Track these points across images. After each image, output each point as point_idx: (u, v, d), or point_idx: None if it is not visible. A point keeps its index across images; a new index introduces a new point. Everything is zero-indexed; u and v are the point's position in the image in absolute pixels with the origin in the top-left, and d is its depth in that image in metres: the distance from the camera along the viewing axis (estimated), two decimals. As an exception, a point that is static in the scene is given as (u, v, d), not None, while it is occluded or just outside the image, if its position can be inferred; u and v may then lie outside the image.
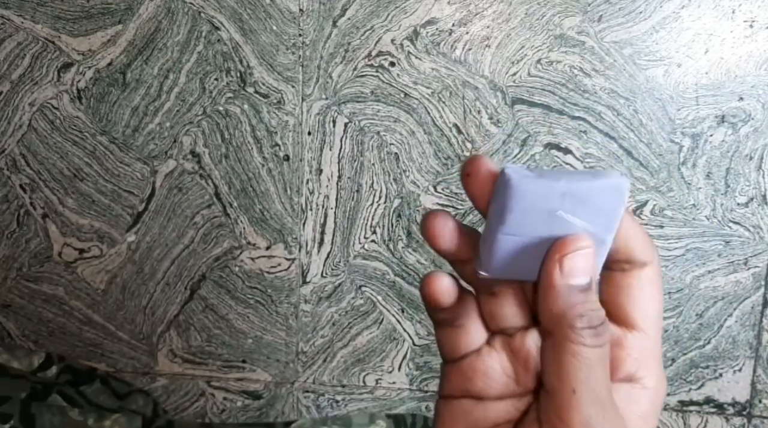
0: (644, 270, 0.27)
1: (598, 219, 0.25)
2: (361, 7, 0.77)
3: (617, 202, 0.25)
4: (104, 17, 0.80)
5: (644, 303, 0.27)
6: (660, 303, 0.28)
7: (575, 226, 0.25)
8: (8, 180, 0.84)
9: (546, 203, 0.24)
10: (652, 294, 0.27)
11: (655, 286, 0.27)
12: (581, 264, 0.25)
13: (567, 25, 0.76)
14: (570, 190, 0.24)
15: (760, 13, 0.74)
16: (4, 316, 0.87)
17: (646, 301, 0.27)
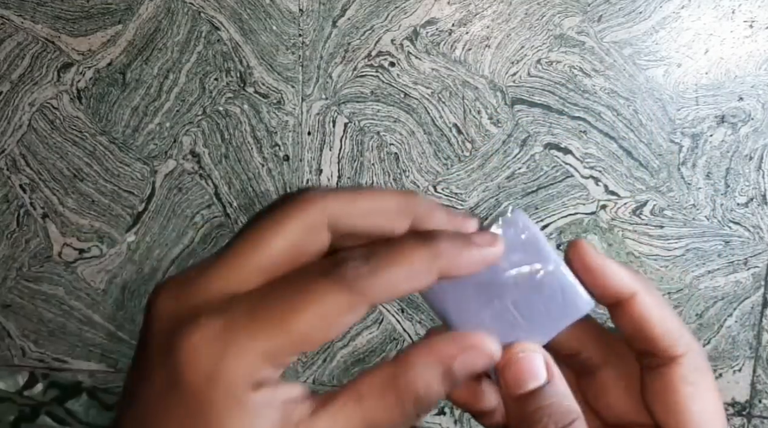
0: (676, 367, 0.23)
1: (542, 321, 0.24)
2: (361, 7, 0.77)
3: (569, 317, 0.23)
4: (104, 17, 0.80)
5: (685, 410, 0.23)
6: (712, 408, 0.23)
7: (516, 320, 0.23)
8: (8, 180, 0.84)
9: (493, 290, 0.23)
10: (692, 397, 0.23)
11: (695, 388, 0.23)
12: (524, 371, 0.23)
13: (567, 25, 0.76)
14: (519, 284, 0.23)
15: (760, 13, 0.74)
16: (4, 316, 0.87)
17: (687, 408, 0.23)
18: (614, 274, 0.24)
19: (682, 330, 0.24)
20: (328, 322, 0.20)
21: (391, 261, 0.21)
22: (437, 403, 0.22)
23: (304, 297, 0.20)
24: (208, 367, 0.20)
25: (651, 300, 0.24)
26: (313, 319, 0.20)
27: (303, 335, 0.20)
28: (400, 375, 0.21)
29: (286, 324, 0.20)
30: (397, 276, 0.21)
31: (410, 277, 0.21)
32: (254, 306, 0.20)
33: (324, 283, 0.20)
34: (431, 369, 0.21)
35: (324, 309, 0.20)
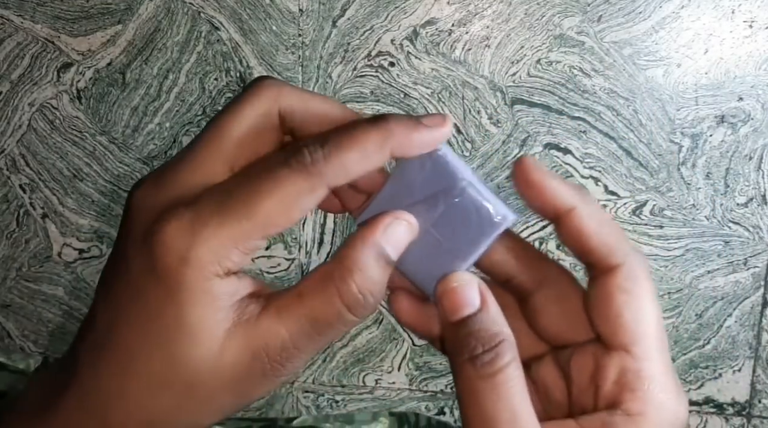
0: (613, 276, 0.24)
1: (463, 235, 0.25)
2: (361, 7, 0.77)
3: (486, 234, 0.24)
4: (104, 17, 0.80)
5: (619, 315, 0.24)
6: (647, 315, 0.24)
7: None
8: (8, 180, 0.84)
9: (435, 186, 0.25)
10: (627, 303, 0.24)
11: (631, 295, 0.24)
12: (459, 299, 0.24)
13: (567, 25, 0.76)
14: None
15: (760, 13, 0.74)
16: (4, 316, 0.87)
17: (621, 313, 0.24)
18: (553, 189, 0.25)
19: (620, 241, 0.25)
20: (290, 204, 0.22)
21: (344, 144, 0.22)
22: (380, 297, 0.24)
23: (266, 183, 0.22)
24: (181, 251, 0.21)
25: (588, 213, 0.24)
26: (275, 202, 0.22)
27: (267, 218, 0.22)
28: (335, 267, 0.23)
29: (250, 209, 0.22)
30: (351, 156, 0.22)
31: (364, 157, 0.22)
32: (221, 195, 0.22)
33: (283, 169, 0.22)
34: (363, 255, 0.23)
35: (285, 191, 0.22)
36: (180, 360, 0.22)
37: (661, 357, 0.24)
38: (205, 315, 0.22)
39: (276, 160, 0.22)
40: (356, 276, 0.23)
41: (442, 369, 0.84)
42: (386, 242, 0.24)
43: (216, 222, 0.22)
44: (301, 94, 0.24)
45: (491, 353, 0.23)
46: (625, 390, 0.24)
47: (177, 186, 0.23)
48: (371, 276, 0.23)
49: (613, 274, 0.24)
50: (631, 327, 0.24)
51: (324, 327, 0.23)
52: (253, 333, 0.22)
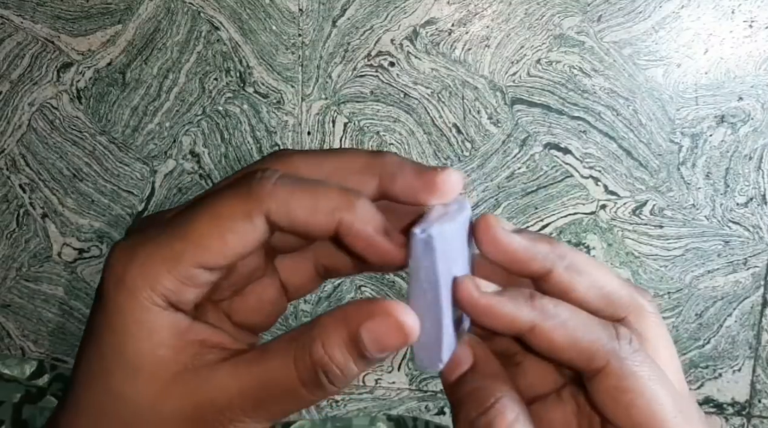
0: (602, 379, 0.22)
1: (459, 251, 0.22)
2: (361, 6, 0.77)
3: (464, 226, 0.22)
4: (104, 17, 0.80)
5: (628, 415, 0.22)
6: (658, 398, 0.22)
7: None
8: (8, 180, 0.84)
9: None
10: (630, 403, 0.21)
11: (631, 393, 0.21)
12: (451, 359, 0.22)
13: (566, 25, 0.76)
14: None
15: (760, 13, 0.74)
16: (4, 316, 0.87)
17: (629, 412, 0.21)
18: (503, 314, 0.22)
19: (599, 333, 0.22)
20: (222, 225, 0.20)
21: (302, 186, 0.20)
22: (351, 378, 0.21)
23: (204, 206, 0.20)
24: (118, 275, 0.20)
25: (551, 326, 0.22)
26: (206, 222, 0.20)
27: (198, 239, 0.20)
28: (303, 334, 0.20)
29: (182, 230, 0.20)
30: (300, 200, 0.20)
31: (311, 210, 0.20)
32: (166, 221, 0.21)
33: (224, 192, 0.20)
34: (334, 332, 0.20)
35: (218, 211, 0.20)
36: (119, 393, 0.20)
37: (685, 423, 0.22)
38: (146, 348, 0.20)
39: (226, 183, 0.21)
40: (316, 350, 0.20)
41: (442, 369, 0.84)
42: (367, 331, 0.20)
43: (152, 244, 0.20)
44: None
45: (486, 416, 0.21)
46: None
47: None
48: (333, 358, 0.20)
49: (604, 377, 0.22)
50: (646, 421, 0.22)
51: (273, 395, 0.20)
52: (201, 384, 0.20)
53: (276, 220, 0.20)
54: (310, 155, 0.22)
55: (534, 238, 0.23)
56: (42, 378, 0.60)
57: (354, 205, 0.20)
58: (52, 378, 0.61)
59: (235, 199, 0.20)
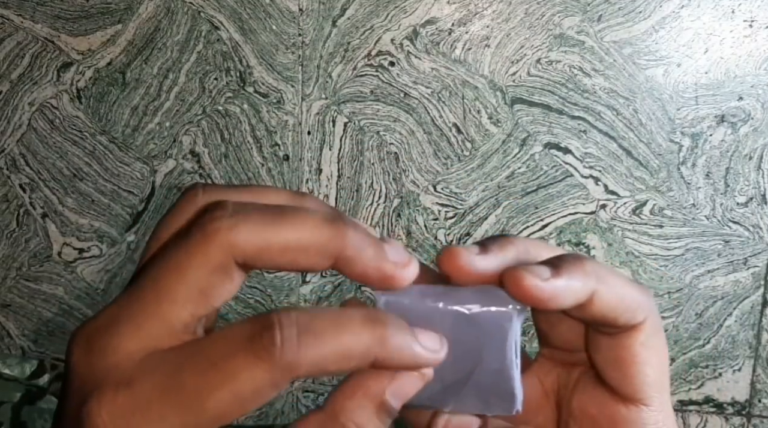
0: (635, 334, 0.23)
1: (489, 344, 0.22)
2: (361, 6, 0.77)
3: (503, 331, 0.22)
4: (104, 17, 0.80)
5: (637, 371, 0.23)
6: (659, 368, 0.24)
7: None
8: (8, 179, 0.84)
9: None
10: (645, 359, 0.23)
11: (650, 350, 0.23)
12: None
13: (566, 24, 0.76)
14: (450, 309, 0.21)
15: (760, 12, 0.74)
16: (4, 316, 0.87)
17: (639, 369, 0.23)
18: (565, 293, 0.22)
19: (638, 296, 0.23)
20: (245, 399, 0.18)
21: (328, 336, 0.19)
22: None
23: (220, 372, 0.18)
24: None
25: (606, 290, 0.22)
26: (228, 398, 0.18)
27: (217, 414, 0.18)
28: (328, 422, 0.20)
29: (198, 403, 0.18)
30: (329, 353, 0.19)
31: (344, 358, 0.19)
32: (165, 379, 0.19)
33: (245, 357, 0.18)
34: (361, 409, 0.20)
35: (241, 386, 0.18)
36: None
37: (670, 405, 0.24)
38: None
39: (239, 338, 0.18)
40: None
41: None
42: (392, 394, 0.20)
43: (157, 414, 0.18)
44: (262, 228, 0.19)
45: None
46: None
47: (115, 351, 0.19)
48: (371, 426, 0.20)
49: (635, 333, 0.23)
50: (652, 382, 0.23)
51: None
52: None
53: (304, 377, 0.19)
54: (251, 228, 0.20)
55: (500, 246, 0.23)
56: (42, 377, 0.60)
57: (388, 343, 0.19)
58: (52, 377, 0.61)
59: (259, 372, 0.18)
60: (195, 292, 0.19)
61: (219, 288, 0.19)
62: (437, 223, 0.80)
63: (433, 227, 0.80)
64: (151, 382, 0.18)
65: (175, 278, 0.19)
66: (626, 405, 0.24)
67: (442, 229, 0.80)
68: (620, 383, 0.24)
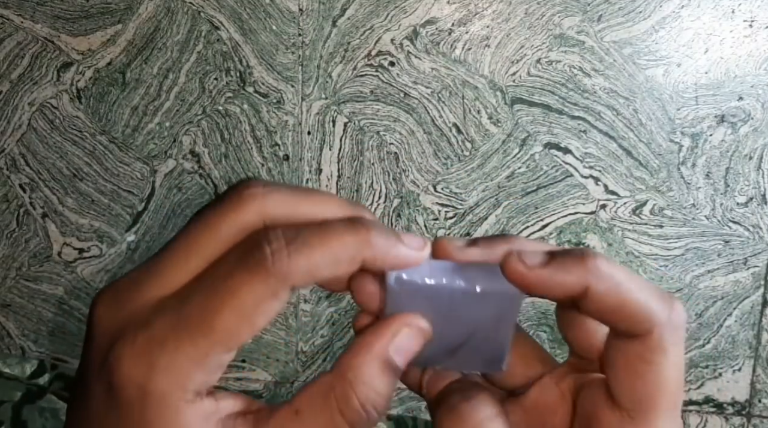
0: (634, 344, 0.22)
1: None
2: (361, 6, 0.77)
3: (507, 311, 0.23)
4: (104, 17, 0.80)
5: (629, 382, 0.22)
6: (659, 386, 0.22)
7: None
8: (8, 179, 0.84)
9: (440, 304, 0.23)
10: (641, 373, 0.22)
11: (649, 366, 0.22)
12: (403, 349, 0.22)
13: (566, 24, 0.76)
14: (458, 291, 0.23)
15: (760, 12, 0.74)
16: (4, 316, 0.87)
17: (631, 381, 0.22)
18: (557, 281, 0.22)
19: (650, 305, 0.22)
20: (250, 314, 0.19)
21: (314, 244, 0.20)
22: (385, 410, 0.21)
23: (221, 292, 0.19)
24: (140, 382, 0.19)
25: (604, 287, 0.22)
26: (233, 315, 0.19)
27: (227, 333, 0.19)
28: (336, 384, 0.21)
29: (207, 326, 0.19)
30: (319, 260, 0.20)
31: (333, 263, 0.20)
32: (175, 312, 0.20)
33: (241, 273, 0.19)
34: (367, 366, 0.21)
35: (243, 302, 0.19)
36: None
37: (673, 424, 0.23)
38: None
39: (233, 260, 0.20)
40: (360, 392, 0.20)
41: (442, 368, 0.84)
42: (395, 351, 0.21)
43: (172, 345, 0.19)
44: (290, 199, 0.21)
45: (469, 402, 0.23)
46: None
47: (136, 301, 0.20)
48: (376, 389, 0.21)
49: (637, 342, 0.22)
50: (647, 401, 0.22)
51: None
52: None
53: (302, 286, 0.20)
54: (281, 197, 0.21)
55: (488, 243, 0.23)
56: (43, 377, 0.60)
57: (371, 243, 0.21)
58: (52, 377, 0.61)
59: (256, 284, 0.19)
60: (222, 245, 0.20)
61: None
62: (437, 223, 0.80)
63: (433, 227, 0.80)
64: (162, 320, 0.20)
65: (205, 235, 0.20)
66: (621, 414, 0.23)
67: (442, 229, 0.80)
68: (613, 388, 0.23)
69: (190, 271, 0.21)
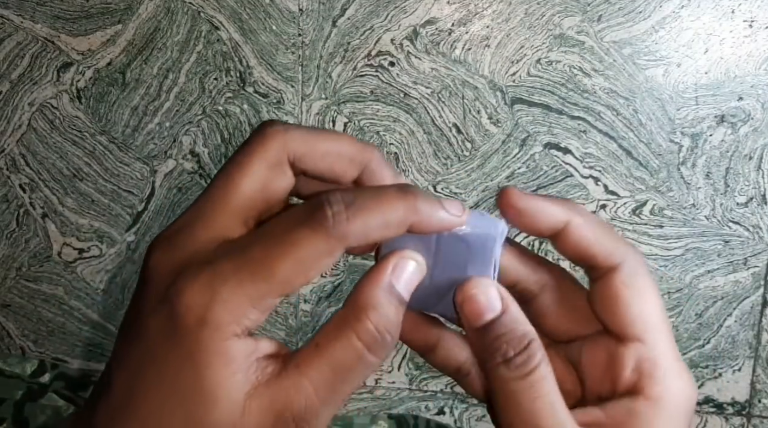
0: (616, 275, 0.25)
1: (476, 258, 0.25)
2: (361, 6, 0.77)
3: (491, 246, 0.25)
4: (104, 17, 0.80)
5: (628, 309, 0.25)
6: (652, 306, 0.25)
7: None
8: (8, 179, 0.84)
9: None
10: (633, 298, 0.25)
11: (633, 290, 0.25)
12: (480, 303, 0.25)
13: (566, 24, 0.76)
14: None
15: (760, 12, 0.74)
16: (4, 316, 0.87)
17: (629, 307, 0.25)
18: (544, 211, 0.26)
19: (617, 241, 0.26)
20: (308, 266, 0.22)
21: (370, 208, 0.22)
22: (396, 336, 0.24)
23: (284, 244, 0.21)
24: (200, 311, 0.21)
25: (581, 222, 0.25)
26: (293, 265, 0.21)
27: (285, 279, 0.22)
28: (349, 311, 0.23)
29: (268, 270, 0.21)
30: (373, 223, 0.22)
31: (385, 226, 0.22)
32: (239, 254, 0.22)
33: (303, 229, 0.21)
34: (376, 291, 0.23)
35: (303, 254, 0.21)
36: (200, 424, 0.21)
37: (671, 344, 0.26)
38: (223, 377, 0.21)
39: (296, 217, 0.22)
40: (372, 315, 0.22)
41: (442, 368, 0.84)
42: (396, 280, 0.24)
43: (234, 282, 0.21)
44: (309, 135, 0.24)
45: (523, 354, 0.24)
46: (644, 377, 0.25)
47: (192, 244, 0.23)
48: (386, 315, 0.23)
49: (616, 273, 0.25)
50: (641, 319, 0.25)
51: (346, 373, 0.22)
52: (275, 393, 0.22)
53: (354, 246, 0.22)
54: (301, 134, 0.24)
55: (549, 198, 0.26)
56: (43, 376, 0.60)
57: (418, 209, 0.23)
58: (53, 376, 0.61)
59: (317, 241, 0.21)
60: (257, 185, 0.23)
61: (276, 182, 0.24)
62: (437, 223, 0.80)
63: (433, 227, 0.80)
64: (226, 260, 0.22)
65: (239, 174, 0.23)
66: (625, 344, 0.25)
67: (442, 229, 0.80)
68: (612, 323, 0.26)
69: (235, 211, 0.23)
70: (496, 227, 0.26)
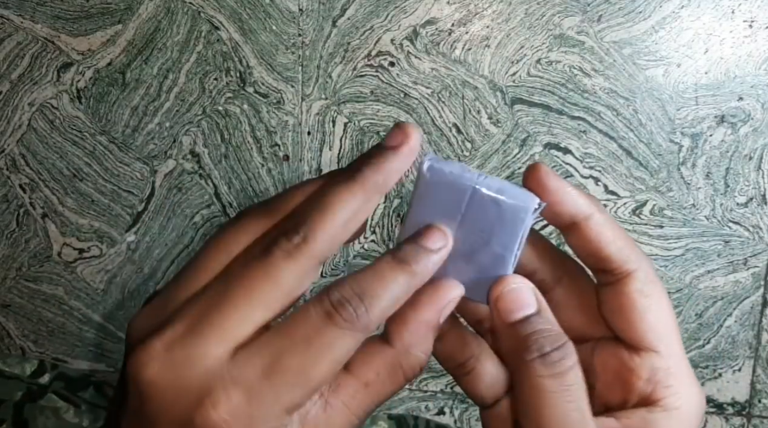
0: (630, 282, 0.25)
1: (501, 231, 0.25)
2: (361, 6, 0.77)
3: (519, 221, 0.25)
4: (104, 17, 0.80)
5: (643, 318, 0.25)
6: (666, 315, 0.25)
7: None
8: (8, 180, 0.84)
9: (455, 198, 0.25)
10: (649, 307, 0.25)
11: (648, 298, 0.25)
12: (516, 301, 0.25)
13: (566, 24, 0.76)
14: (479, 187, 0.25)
15: (760, 12, 0.74)
16: (4, 316, 0.87)
17: (645, 315, 0.25)
18: (571, 197, 0.25)
19: (632, 246, 0.26)
20: (340, 363, 0.22)
21: (379, 293, 0.23)
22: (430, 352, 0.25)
23: (317, 348, 0.22)
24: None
25: (604, 221, 0.25)
26: (328, 366, 0.22)
27: (321, 381, 0.22)
28: (402, 358, 0.24)
29: (305, 376, 0.21)
30: (386, 304, 0.23)
31: (396, 302, 0.23)
32: (268, 366, 0.21)
33: (332, 331, 0.22)
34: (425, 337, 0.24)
35: (338, 353, 0.22)
36: None
37: (683, 353, 0.26)
38: None
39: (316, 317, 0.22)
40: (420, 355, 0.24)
41: (441, 368, 0.84)
42: (443, 317, 0.25)
43: (272, 399, 0.21)
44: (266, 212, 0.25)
45: (560, 352, 0.24)
46: (660, 388, 0.25)
47: (201, 359, 0.21)
48: (425, 350, 0.25)
49: (630, 280, 0.25)
50: (656, 329, 0.25)
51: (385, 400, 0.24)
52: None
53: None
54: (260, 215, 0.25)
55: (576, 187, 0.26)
56: (43, 377, 0.60)
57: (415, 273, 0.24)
58: (53, 377, 0.61)
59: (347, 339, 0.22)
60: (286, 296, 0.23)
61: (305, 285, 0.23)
62: (437, 223, 0.80)
63: (433, 227, 0.80)
64: (254, 374, 0.21)
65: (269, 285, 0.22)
66: (639, 354, 0.25)
67: (442, 229, 0.80)
68: (626, 331, 0.25)
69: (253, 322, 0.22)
70: (532, 200, 0.25)
